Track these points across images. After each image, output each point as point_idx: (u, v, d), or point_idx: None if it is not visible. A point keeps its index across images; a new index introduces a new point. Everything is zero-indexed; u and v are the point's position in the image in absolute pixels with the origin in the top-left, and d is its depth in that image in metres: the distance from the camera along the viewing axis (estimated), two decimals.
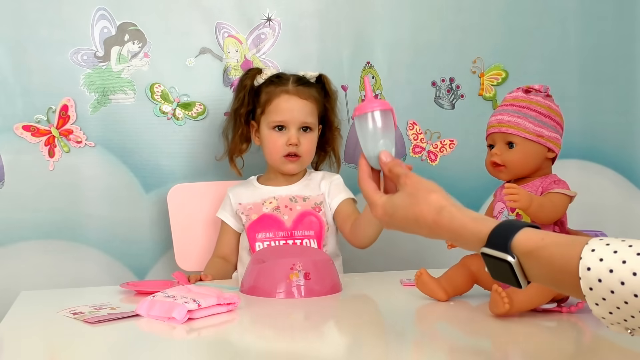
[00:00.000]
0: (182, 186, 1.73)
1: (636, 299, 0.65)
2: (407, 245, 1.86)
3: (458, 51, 1.94)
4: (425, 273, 1.20)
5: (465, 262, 1.22)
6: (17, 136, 1.69)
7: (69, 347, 1.00)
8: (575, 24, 2.00)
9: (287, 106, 1.57)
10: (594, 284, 0.68)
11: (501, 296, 1.04)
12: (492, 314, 1.08)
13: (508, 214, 1.21)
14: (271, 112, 1.58)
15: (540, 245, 0.74)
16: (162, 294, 1.14)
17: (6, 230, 1.69)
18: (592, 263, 0.68)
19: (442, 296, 1.19)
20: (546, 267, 0.73)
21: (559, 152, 1.25)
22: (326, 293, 1.26)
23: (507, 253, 0.75)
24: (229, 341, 1.04)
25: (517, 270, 0.75)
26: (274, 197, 1.59)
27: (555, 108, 1.24)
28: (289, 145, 1.56)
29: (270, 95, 1.59)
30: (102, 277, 1.73)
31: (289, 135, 1.56)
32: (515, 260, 0.75)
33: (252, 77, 1.63)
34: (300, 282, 1.23)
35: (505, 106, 1.24)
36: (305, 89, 1.60)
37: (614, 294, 0.67)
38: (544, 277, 0.74)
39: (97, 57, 1.73)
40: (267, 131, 1.59)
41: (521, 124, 1.20)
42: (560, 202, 1.17)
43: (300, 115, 1.58)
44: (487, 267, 0.79)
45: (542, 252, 0.73)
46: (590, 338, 1.05)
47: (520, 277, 0.76)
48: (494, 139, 1.23)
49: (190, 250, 1.71)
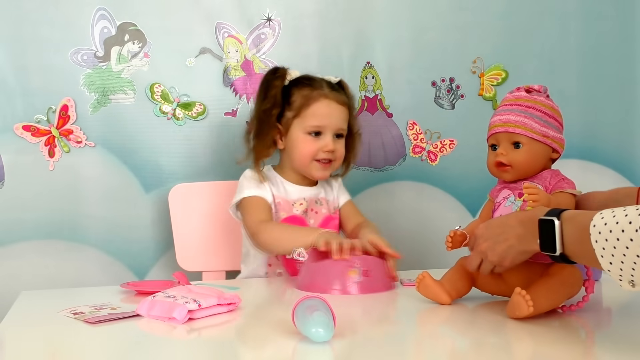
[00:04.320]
0: (183, 186, 1.73)
1: (619, 242, 0.85)
2: (407, 245, 1.86)
3: (458, 51, 1.94)
4: (428, 276, 1.18)
5: (463, 263, 1.21)
6: (17, 136, 1.70)
7: (69, 347, 1.00)
8: (575, 24, 2.00)
9: (326, 111, 1.53)
10: (597, 237, 0.87)
11: (525, 299, 1.02)
12: (511, 316, 1.06)
13: (515, 199, 1.20)
14: (308, 116, 1.52)
15: (575, 214, 0.95)
16: (162, 294, 1.14)
17: (6, 230, 1.69)
18: (596, 221, 0.89)
19: (446, 299, 1.17)
20: (578, 230, 0.92)
21: (562, 153, 1.24)
22: (381, 290, 1.32)
23: (555, 217, 0.96)
24: (229, 341, 1.04)
25: (557, 232, 0.95)
26: (303, 198, 1.56)
27: (557, 109, 1.23)
28: (326, 152, 1.52)
29: (307, 99, 1.53)
30: (102, 277, 1.73)
31: (326, 141, 1.52)
32: (559, 222, 0.95)
33: (283, 78, 1.57)
34: (358, 280, 1.29)
35: (509, 105, 1.22)
36: (339, 94, 1.56)
37: (607, 241, 0.86)
38: (575, 240, 0.93)
39: (97, 57, 1.73)
40: (300, 135, 1.53)
41: (528, 124, 1.18)
42: (570, 202, 1.17)
43: (337, 121, 1.54)
44: (539, 235, 0.98)
45: (578, 218, 0.94)
46: (593, 339, 1.05)
47: (558, 239, 0.95)
48: (498, 139, 1.21)
49: (191, 250, 1.71)
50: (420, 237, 1.87)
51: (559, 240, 0.95)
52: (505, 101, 1.24)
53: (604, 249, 0.87)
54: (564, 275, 1.08)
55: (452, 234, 1.21)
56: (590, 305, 1.14)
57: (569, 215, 0.96)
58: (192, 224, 1.72)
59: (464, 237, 1.21)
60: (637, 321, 1.12)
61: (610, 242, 0.86)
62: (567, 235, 0.95)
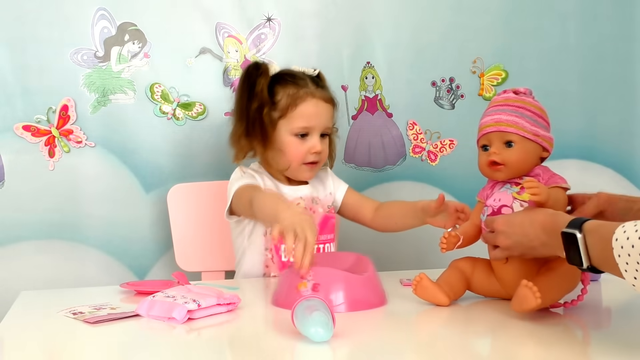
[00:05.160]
0: (182, 186, 1.73)
1: None
2: (407, 246, 1.87)
3: (458, 51, 1.94)
4: (425, 278, 1.18)
5: (457, 265, 1.22)
6: (17, 136, 1.70)
7: (69, 347, 1.00)
8: (575, 24, 2.00)
9: (314, 111, 1.45)
10: (620, 251, 0.86)
11: (532, 290, 1.03)
12: (517, 310, 1.06)
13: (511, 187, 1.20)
14: (295, 117, 1.44)
15: (600, 225, 0.93)
16: (162, 294, 1.14)
17: (6, 230, 1.69)
18: (618, 234, 0.87)
19: (445, 301, 1.17)
20: (601, 243, 0.90)
21: (551, 152, 1.25)
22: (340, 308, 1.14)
23: (577, 230, 0.95)
24: (229, 341, 1.04)
25: (581, 245, 0.93)
26: (300, 197, 1.49)
27: (544, 109, 1.24)
28: (314, 154, 1.45)
29: (294, 99, 1.44)
30: (102, 277, 1.73)
31: (313, 142, 1.45)
32: (581, 236, 0.94)
33: (266, 74, 1.47)
34: (307, 294, 1.13)
35: (500, 106, 1.23)
36: (324, 91, 1.49)
37: (630, 256, 0.84)
38: (599, 252, 0.91)
39: (97, 57, 1.73)
40: (287, 137, 1.45)
41: (519, 123, 1.20)
42: (564, 197, 1.20)
43: (324, 120, 1.47)
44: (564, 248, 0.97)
45: (600, 231, 0.92)
46: (593, 339, 1.05)
47: (583, 252, 0.94)
48: (490, 139, 1.22)
49: (190, 250, 1.71)
50: (420, 237, 1.87)
51: (584, 254, 0.94)
52: (494, 102, 1.25)
53: (627, 263, 0.85)
54: (563, 270, 1.09)
55: (447, 236, 1.22)
56: (589, 305, 1.15)
57: (591, 227, 0.94)
58: (191, 224, 1.72)
59: (457, 239, 1.22)
60: (637, 321, 1.12)
61: (634, 257, 0.84)
62: (592, 248, 0.93)
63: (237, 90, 1.52)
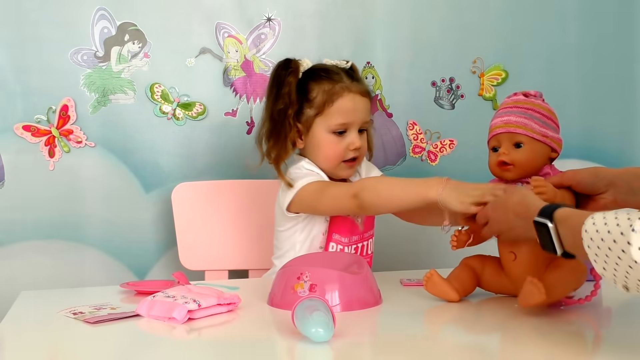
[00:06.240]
0: (187, 185, 1.72)
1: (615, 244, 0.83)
2: (407, 245, 1.87)
3: (458, 51, 1.94)
4: (436, 274, 1.20)
5: (468, 262, 1.24)
6: (17, 136, 1.70)
7: (69, 347, 1.00)
8: (575, 24, 2.00)
9: (352, 106, 1.40)
10: (589, 242, 0.87)
11: (537, 286, 1.05)
12: (524, 305, 1.08)
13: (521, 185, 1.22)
14: (333, 114, 1.39)
15: (570, 215, 0.95)
16: (162, 294, 1.14)
17: (6, 230, 1.69)
18: (587, 226, 0.87)
19: (455, 297, 1.19)
20: (571, 233, 0.92)
21: (560, 152, 1.27)
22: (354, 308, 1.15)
23: (548, 219, 0.96)
24: (229, 341, 1.04)
25: (554, 234, 0.95)
26: None
27: (553, 111, 1.27)
28: (353, 150, 1.40)
29: (330, 95, 1.39)
30: (102, 277, 1.73)
31: (352, 139, 1.40)
32: (552, 225, 0.96)
33: (296, 72, 1.42)
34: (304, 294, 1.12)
35: (509, 108, 1.25)
36: (360, 84, 1.43)
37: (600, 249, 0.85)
38: (571, 242, 0.93)
39: (97, 57, 1.73)
40: (324, 135, 1.40)
41: (528, 125, 1.22)
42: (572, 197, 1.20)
43: (363, 115, 1.42)
44: (538, 236, 0.99)
45: (570, 221, 0.94)
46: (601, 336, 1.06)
47: (556, 241, 0.96)
48: (500, 140, 1.24)
49: (194, 249, 1.71)
50: (421, 237, 1.87)
51: (557, 242, 0.96)
52: (504, 105, 1.28)
53: (597, 255, 0.86)
54: (570, 266, 1.11)
55: (457, 234, 1.24)
56: (590, 304, 1.15)
57: (561, 216, 0.96)
58: (194, 223, 1.71)
59: (468, 237, 1.23)
60: (637, 321, 1.12)
61: (603, 250, 0.85)
62: (564, 237, 0.95)
63: (267, 90, 1.48)
